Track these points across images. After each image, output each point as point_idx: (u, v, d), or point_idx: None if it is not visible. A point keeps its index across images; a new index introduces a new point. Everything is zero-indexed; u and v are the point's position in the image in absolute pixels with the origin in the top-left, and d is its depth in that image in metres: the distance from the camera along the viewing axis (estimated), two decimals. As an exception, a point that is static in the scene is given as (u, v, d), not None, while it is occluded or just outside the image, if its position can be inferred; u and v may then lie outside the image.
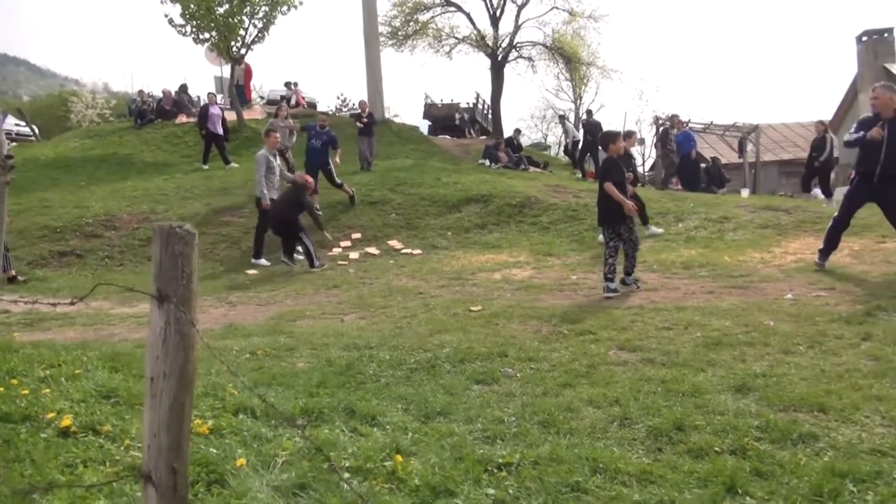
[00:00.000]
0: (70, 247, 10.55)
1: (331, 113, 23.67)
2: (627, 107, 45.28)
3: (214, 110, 16.93)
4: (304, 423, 3.43)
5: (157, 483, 1.54)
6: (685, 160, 16.24)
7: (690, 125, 19.29)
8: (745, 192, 15.60)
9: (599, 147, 7.95)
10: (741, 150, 20.78)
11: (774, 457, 2.94)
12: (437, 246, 11.12)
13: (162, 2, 18.65)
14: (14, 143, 19.68)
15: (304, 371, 4.45)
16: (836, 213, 7.53)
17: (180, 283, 1.47)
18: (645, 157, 25.10)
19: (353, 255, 10.66)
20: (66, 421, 3.40)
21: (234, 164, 16.64)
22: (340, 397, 3.79)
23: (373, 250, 10.90)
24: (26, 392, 3.77)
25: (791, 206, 11.68)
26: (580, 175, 17.95)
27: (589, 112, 22.41)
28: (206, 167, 16.57)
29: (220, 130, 16.87)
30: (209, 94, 19.40)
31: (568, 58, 28.02)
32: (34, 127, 24.96)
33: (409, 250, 10.86)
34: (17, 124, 23.70)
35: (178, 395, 1.50)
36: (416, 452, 3.06)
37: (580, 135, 20.88)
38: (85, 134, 22.08)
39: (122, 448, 3.18)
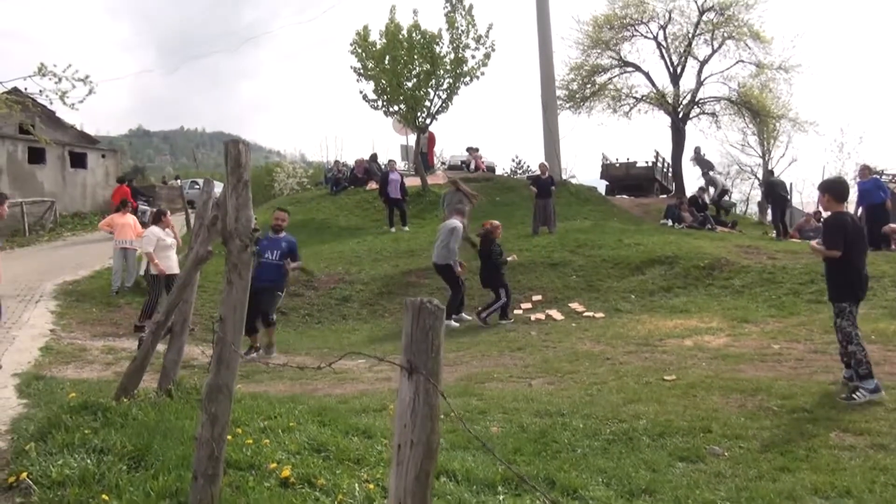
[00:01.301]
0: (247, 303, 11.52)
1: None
2: (825, 160, 41.55)
3: (394, 176, 18.13)
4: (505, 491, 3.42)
5: (399, 547, 1.60)
6: (873, 210, 14.49)
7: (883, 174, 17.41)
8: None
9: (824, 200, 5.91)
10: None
11: None
12: (621, 309, 10.82)
13: (358, 80, 20.38)
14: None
15: (499, 436, 4.47)
16: None
17: (430, 356, 1.56)
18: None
19: (535, 316, 10.64)
20: (286, 472, 3.67)
21: (406, 229, 17.54)
22: (539, 466, 3.75)
23: (554, 313, 10.82)
24: (250, 441, 4.13)
25: None
26: (774, 234, 16.78)
27: (771, 172, 21.56)
28: (392, 230, 17.56)
29: (399, 195, 17.93)
30: (389, 161, 20.84)
31: (756, 112, 26.57)
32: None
33: (591, 313, 10.66)
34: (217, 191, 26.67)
35: (423, 464, 1.57)
36: (624, 532, 2.94)
37: (728, 185, 19.73)
38: (288, 201, 24.30)
39: (335, 502, 3.37)
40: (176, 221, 20.87)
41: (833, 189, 5.80)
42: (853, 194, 15.44)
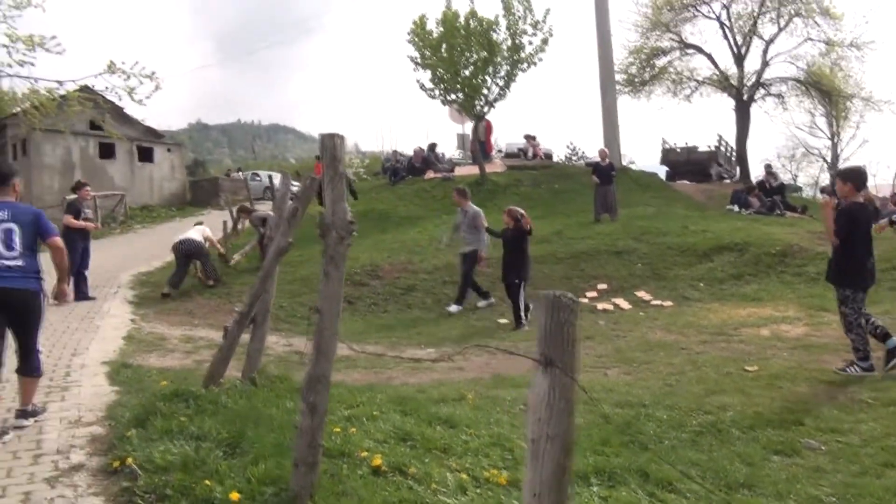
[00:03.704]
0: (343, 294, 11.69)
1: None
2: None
3: None
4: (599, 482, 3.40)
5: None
6: None
7: None
8: None
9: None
10: None
11: None
12: (689, 298, 10.60)
13: (415, 69, 20.42)
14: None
15: (583, 427, 4.43)
16: None
17: (566, 350, 1.55)
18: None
19: (602, 306, 10.52)
20: (377, 460, 3.72)
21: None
22: (629, 458, 3.70)
23: (621, 301, 10.68)
24: (338, 430, 4.20)
25: None
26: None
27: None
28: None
29: None
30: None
31: (825, 91, 25.57)
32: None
33: (658, 301, 10.48)
34: (294, 185, 27.24)
35: (560, 458, 1.57)
36: (728, 527, 2.88)
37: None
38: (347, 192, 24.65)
39: (429, 491, 3.40)
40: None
41: (856, 178, 5.98)
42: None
